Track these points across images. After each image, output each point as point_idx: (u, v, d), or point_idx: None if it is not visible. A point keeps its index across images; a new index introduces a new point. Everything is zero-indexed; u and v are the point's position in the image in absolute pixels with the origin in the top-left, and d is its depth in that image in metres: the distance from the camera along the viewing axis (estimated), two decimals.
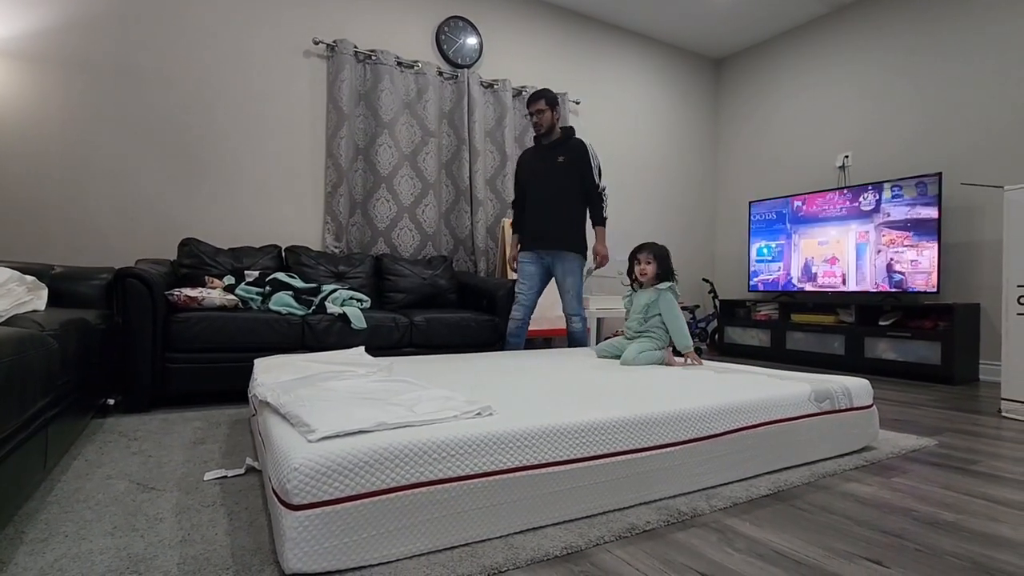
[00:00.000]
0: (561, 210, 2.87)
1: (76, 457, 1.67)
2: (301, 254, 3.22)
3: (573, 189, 2.87)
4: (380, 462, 1.04)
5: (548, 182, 2.90)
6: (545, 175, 2.91)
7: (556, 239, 2.87)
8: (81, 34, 2.93)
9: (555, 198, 2.88)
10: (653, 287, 2.35)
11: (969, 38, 3.69)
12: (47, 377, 1.31)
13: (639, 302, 2.38)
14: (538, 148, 3.00)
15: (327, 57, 3.55)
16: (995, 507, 1.38)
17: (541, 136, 2.97)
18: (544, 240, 2.89)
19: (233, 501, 1.33)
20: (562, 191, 2.87)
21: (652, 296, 2.33)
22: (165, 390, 2.36)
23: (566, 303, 2.93)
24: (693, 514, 1.29)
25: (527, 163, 3.03)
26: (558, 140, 2.93)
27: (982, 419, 2.42)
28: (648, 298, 2.34)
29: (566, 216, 2.87)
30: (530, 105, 2.91)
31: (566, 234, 2.86)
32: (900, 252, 3.75)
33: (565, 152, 2.88)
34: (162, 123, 3.12)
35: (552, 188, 2.88)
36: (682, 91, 5.26)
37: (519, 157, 3.13)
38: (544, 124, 2.90)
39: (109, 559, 1.04)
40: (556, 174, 2.87)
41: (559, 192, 2.87)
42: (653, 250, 2.38)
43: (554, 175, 2.88)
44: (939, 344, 3.40)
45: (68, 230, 2.90)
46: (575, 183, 2.87)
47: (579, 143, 2.91)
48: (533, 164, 2.98)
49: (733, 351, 4.67)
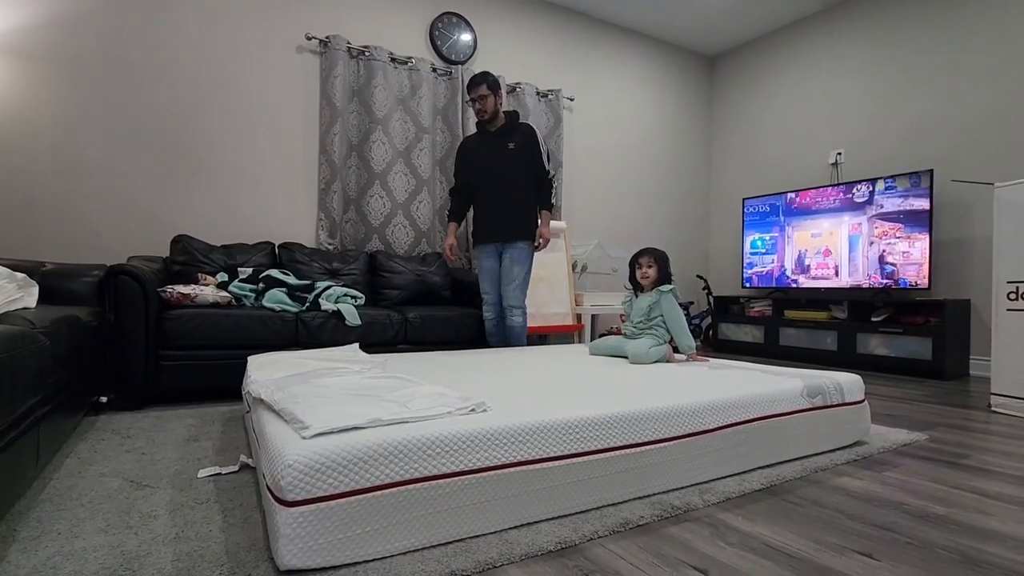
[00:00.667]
0: (516, 202, 2.79)
1: (69, 455, 1.66)
2: (295, 251, 3.20)
3: (525, 177, 2.80)
4: (374, 458, 1.04)
5: (500, 173, 2.79)
6: (496, 165, 2.79)
7: (506, 232, 2.80)
8: (71, 30, 2.90)
9: (509, 189, 2.79)
10: (654, 290, 2.39)
11: (961, 36, 3.72)
12: (38, 375, 1.31)
13: (641, 305, 2.42)
14: (483, 135, 2.86)
15: (320, 53, 3.53)
16: (985, 500, 1.40)
17: (485, 123, 2.82)
18: (502, 234, 2.81)
19: (227, 498, 1.33)
20: (515, 181, 2.79)
21: (654, 298, 2.37)
22: (158, 387, 2.35)
23: (508, 294, 2.79)
24: (686, 508, 1.29)
25: (474, 152, 2.87)
26: (504, 127, 2.81)
27: (972, 414, 2.44)
28: (650, 300, 2.38)
29: (521, 207, 2.80)
30: (471, 90, 2.75)
31: (521, 225, 2.80)
32: (892, 244, 3.78)
33: (514, 138, 2.78)
34: (154, 119, 3.10)
35: (505, 179, 2.79)
36: (676, 88, 5.26)
37: (462, 144, 2.99)
38: (488, 110, 2.75)
39: (103, 556, 1.04)
40: (507, 163, 2.77)
41: (512, 183, 2.79)
42: (654, 254, 2.43)
43: (505, 165, 2.77)
44: (930, 340, 3.43)
45: (59, 227, 2.88)
46: (526, 171, 2.79)
47: (528, 128, 2.83)
48: (481, 154, 2.84)
49: (727, 347, 4.69)
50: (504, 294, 2.82)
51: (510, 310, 2.82)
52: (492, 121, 2.80)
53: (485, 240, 2.86)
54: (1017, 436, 2.06)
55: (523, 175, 2.79)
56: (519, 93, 4.20)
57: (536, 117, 4.28)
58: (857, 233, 3.98)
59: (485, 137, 2.85)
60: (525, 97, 4.20)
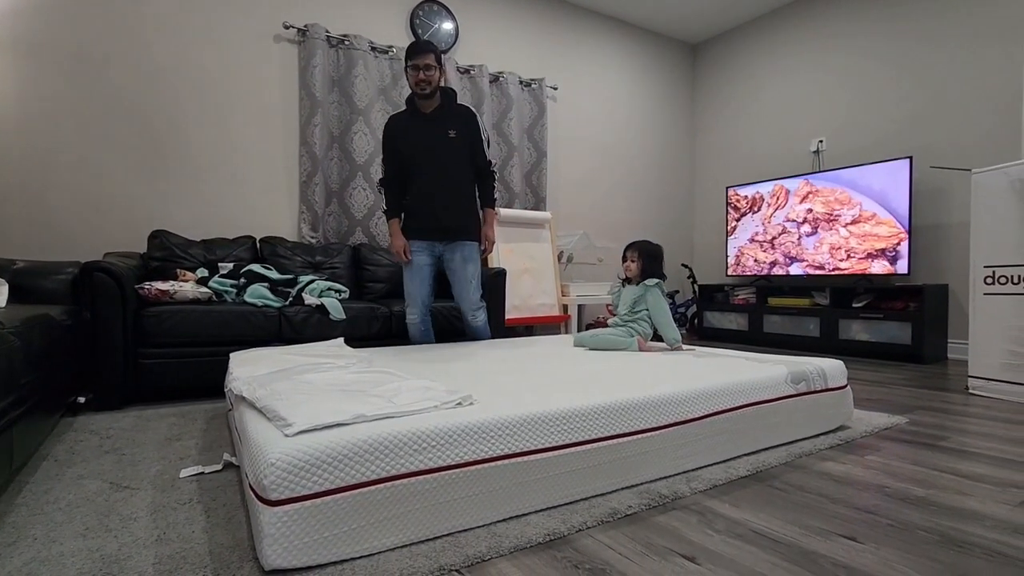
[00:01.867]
0: (458, 194, 2.49)
1: (45, 457, 1.62)
2: (276, 245, 3.15)
3: (466, 167, 2.49)
4: (359, 455, 1.02)
5: (441, 163, 2.45)
6: (436, 153, 2.44)
7: (456, 229, 2.51)
8: (35, 17, 2.79)
9: (453, 181, 2.48)
10: (641, 283, 2.39)
11: (940, 24, 3.75)
12: (9, 376, 1.26)
13: (627, 296, 2.43)
14: (415, 115, 2.47)
15: (298, 42, 3.46)
16: (963, 481, 1.43)
17: (422, 98, 2.41)
18: (441, 231, 2.50)
19: (210, 498, 1.31)
20: (458, 172, 2.48)
21: (639, 292, 2.39)
22: (138, 386, 2.30)
23: (467, 296, 2.56)
24: (674, 497, 1.30)
25: (408, 135, 2.46)
26: (440, 107, 2.45)
27: (950, 396, 2.50)
28: (635, 293, 2.40)
29: (464, 201, 2.51)
30: (416, 56, 2.31)
31: (466, 223, 2.53)
32: (873, 230, 3.83)
33: (455, 124, 2.45)
34: (127, 111, 3.01)
35: (446, 170, 2.46)
36: (659, 76, 5.26)
37: (390, 124, 2.50)
38: (432, 84, 2.35)
39: (81, 561, 1.01)
40: (448, 151, 2.44)
41: (455, 174, 2.47)
42: (639, 248, 2.43)
43: (447, 153, 2.44)
44: (910, 325, 3.49)
45: (29, 224, 2.79)
46: (468, 161, 2.49)
47: (467, 111, 2.50)
48: (416, 137, 2.45)
49: (712, 335, 4.74)
50: (462, 297, 2.57)
51: (473, 313, 2.61)
52: (428, 98, 2.41)
53: (425, 236, 2.51)
54: (993, 417, 2.10)
55: (465, 165, 2.49)
56: (502, 82, 4.16)
57: (519, 107, 4.25)
58: (838, 219, 4.03)
59: (417, 118, 2.44)
60: (508, 86, 4.17)
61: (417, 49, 2.33)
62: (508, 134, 4.19)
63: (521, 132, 4.29)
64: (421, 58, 2.32)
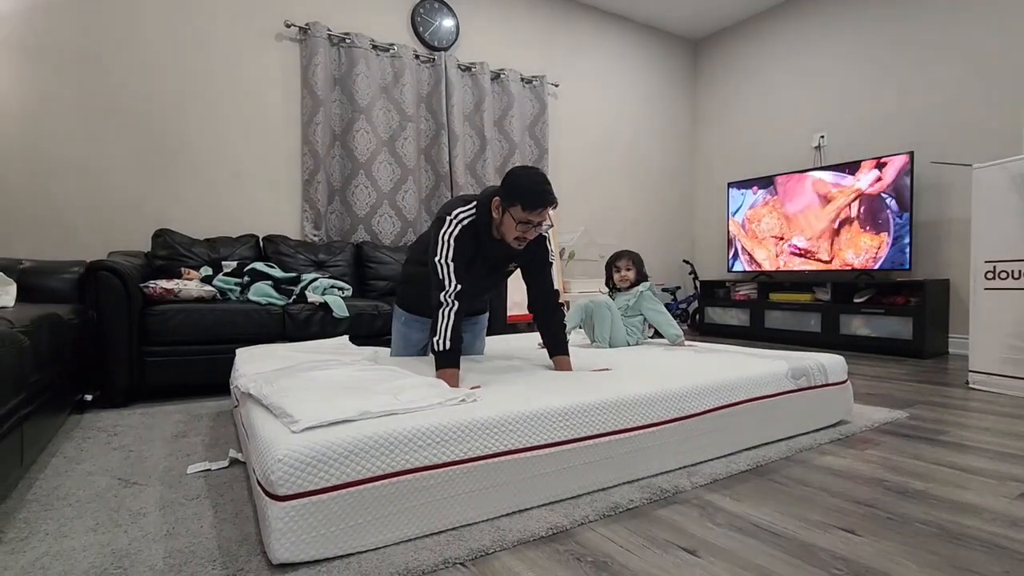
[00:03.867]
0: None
1: (54, 454, 1.64)
2: (280, 243, 3.17)
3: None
4: (365, 451, 1.04)
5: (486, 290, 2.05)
6: (490, 284, 2.01)
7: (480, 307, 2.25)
8: (39, 19, 2.80)
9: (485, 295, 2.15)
10: (632, 290, 2.43)
11: (941, 19, 3.74)
12: (19, 375, 1.28)
13: (621, 301, 2.45)
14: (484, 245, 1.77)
15: (300, 40, 3.46)
16: (962, 475, 1.44)
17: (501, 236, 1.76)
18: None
19: (217, 493, 1.33)
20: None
21: (631, 299, 2.41)
22: (144, 384, 2.32)
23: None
24: (675, 491, 1.32)
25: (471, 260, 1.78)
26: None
27: (951, 391, 2.51)
28: (627, 301, 2.42)
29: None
30: (541, 212, 1.64)
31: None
32: (874, 225, 3.83)
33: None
34: (130, 111, 3.02)
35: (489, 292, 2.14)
36: (660, 73, 5.25)
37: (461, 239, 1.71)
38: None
39: (92, 556, 1.03)
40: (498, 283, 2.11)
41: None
42: (632, 257, 2.47)
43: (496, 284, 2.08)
44: (911, 320, 3.49)
45: (35, 223, 2.81)
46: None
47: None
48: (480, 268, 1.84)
49: (713, 331, 4.75)
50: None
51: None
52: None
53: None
54: (993, 411, 2.11)
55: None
56: (503, 80, 4.17)
57: (520, 104, 4.26)
58: (840, 215, 4.03)
59: (492, 245, 1.77)
60: (509, 83, 4.17)
61: (547, 199, 1.62)
62: (509, 131, 4.19)
63: (523, 129, 4.29)
64: (543, 215, 1.67)
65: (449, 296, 1.66)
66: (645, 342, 2.43)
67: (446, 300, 1.66)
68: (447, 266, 1.69)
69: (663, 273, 5.29)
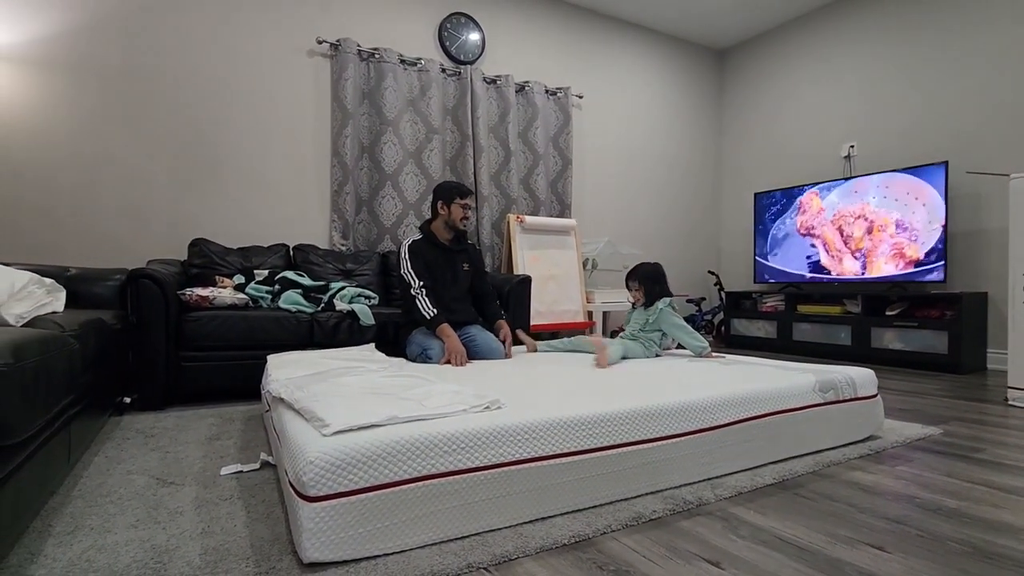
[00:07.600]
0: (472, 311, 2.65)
1: (97, 454, 1.71)
2: (309, 252, 3.25)
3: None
4: (392, 455, 1.07)
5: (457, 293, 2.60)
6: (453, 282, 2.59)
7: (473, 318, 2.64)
8: (88, 38, 2.96)
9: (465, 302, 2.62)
10: (651, 308, 2.38)
11: (973, 25, 3.66)
12: (69, 376, 1.35)
13: (637, 317, 2.45)
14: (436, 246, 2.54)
15: (331, 56, 3.57)
16: (997, 494, 1.40)
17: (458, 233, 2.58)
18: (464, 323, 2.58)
19: (250, 494, 1.37)
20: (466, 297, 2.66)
21: (651, 315, 2.37)
22: (179, 388, 2.41)
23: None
24: (699, 503, 1.31)
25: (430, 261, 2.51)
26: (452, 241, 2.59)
27: (988, 408, 2.43)
28: (647, 315, 2.39)
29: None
30: (466, 196, 2.52)
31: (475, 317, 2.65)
32: (907, 236, 3.74)
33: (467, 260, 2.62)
34: (170, 125, 3.16)
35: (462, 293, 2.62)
36: (685, 83, 5.24)
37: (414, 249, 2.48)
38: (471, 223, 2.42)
39: (134, 550, 1.08)
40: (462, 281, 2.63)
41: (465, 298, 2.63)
42: (638, 275, 2.43)
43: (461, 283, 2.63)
44: (946, 333, 3.39)
45: (81, 233, 2.95)
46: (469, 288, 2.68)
47: (476, 252, 2.70)
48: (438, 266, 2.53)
49: (739, 343, 4.68)
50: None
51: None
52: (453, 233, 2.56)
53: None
54: None
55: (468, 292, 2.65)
56: (527, 92, 4.22)
57: (545, 115, 4.30)
58: (870, 225, 3.95)
59: (439, 250, 2.53)
60: (534, 95, 4.22)
61: (465, 190, 2.53)
62: (534, 143, 4.24)
63: (547, 140, 4.33)
64: (471, 197, 2.57)
65: (416, 289, 2.38)
66: (666, 353, 2.42)
67: (416, 291, 2.38)
68: (409, 272, 2.41)
69: (688, 284, 5.24)
